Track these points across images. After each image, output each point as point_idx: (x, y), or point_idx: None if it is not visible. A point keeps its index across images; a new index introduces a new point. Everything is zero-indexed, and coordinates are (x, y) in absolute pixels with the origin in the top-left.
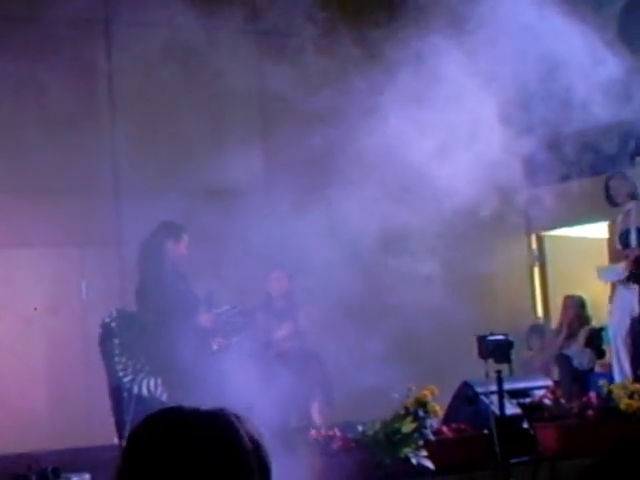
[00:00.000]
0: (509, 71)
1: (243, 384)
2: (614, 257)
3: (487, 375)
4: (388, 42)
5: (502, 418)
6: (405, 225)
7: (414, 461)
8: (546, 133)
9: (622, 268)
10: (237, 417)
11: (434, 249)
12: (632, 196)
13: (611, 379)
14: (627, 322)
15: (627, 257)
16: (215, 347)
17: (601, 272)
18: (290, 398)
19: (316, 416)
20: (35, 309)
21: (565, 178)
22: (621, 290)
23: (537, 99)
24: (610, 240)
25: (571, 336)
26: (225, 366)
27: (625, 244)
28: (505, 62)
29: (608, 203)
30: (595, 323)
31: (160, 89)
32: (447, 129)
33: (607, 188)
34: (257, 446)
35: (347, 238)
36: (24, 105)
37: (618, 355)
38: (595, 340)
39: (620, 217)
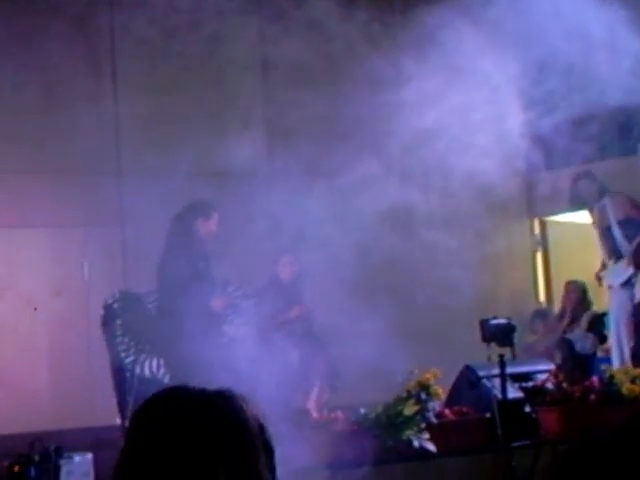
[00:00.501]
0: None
1: (248, 366)
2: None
3: (489, 359)
4: (400, 13)
5: (504, 402)
6: (408, 207)
7: (416, 444)
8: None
9: (625, 265)
10: (243, 398)
11: (437, 232)
12: (602, 193)
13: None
14: (628, 306)
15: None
16: (225, 338)
17: (607, 277)
18: (295, 380)
19: (311, 404)
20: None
21: (569, 163)
22: (625, 270)
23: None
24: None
25: (574, 321)
26: (231, 348)
27: (612, 240)
28: (522, 38)
29: (572, 204)
30: (597, 308)
31: (163, 71)
32: (456, 107)
33: (575, 189)
34: (261, 428)
35: (351, 218)
36: (26, 86)
37: (619, 340)
38: (597, 325)
39: (595, 215)
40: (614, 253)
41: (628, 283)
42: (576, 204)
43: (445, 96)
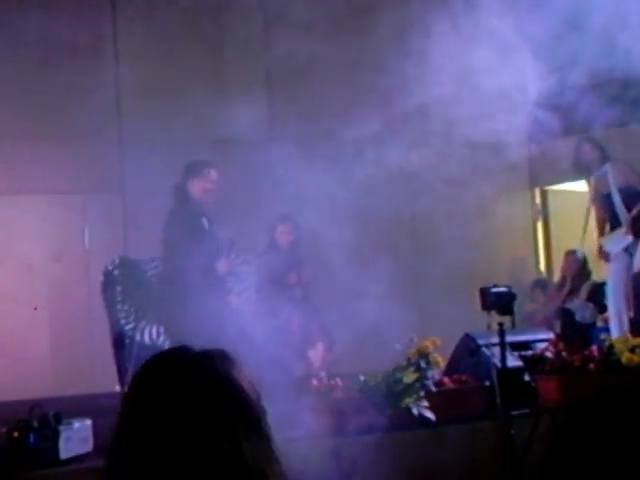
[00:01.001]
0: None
1: (249, 332)
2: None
3: (489, 327)
4: None
5: (503, 370)
6: (410, 172)
7: (415, 412)
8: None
9: (623, 233)
10: (235, 359)
11: (439, 200)
12: (604, 160)
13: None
14: (626, 276)
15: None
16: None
17: (606, 244)
18: (294, 346)
19: (317, 360)
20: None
21: (570, 132)
22: (624, 239)
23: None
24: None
25: (573, 290)
26: (232, 314)
27: (610, 207)
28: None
29: (576, 169)
30: (597, 278)
31: (164, 38)
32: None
33: (578, 154)
34: (253, 389)
35: (352, 182)
36: (27, 52)
37: (618, 310)
38: (597, 294)
39: (593, 181)
40: (612, 220)
41: (626, 252)
42: (578, 169)
43: (448, 63)
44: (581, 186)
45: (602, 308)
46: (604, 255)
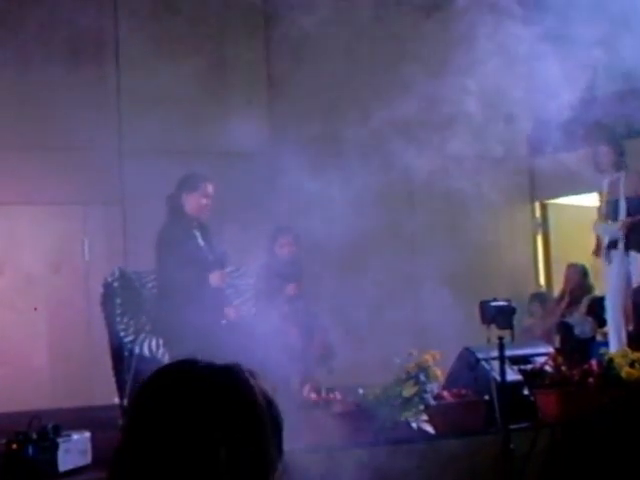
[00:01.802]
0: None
1: (247, 345)
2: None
3: (489, 341)
4: None
5: (503, 384)
6: (409, 185)
7: (414, 425)
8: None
9: (617, 228)
10: (251, 373)
11: (438, 213)
12: (619, 165)
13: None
14: (624, 291)
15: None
16: (226, 319)
17: (597, 226)
18: (293, 360)
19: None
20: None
21: (571, 146)
22: (616, 258)
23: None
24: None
25: (573, 304)
26: (231, 327)
27: (615, 213)
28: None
29: (596, 169)
30: (597, 292)
31: (165, 49)
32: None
33: (595, 152)
34: (270, 404)
35: (352, 194)
36: (28, 62)
37: (616, 324)
38: (597, 309)
39: (606, 184)
40: (612, 217)
41: (615, 247)
42: (595, 168)
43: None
44: (581, 200)
45: (601, 322)
46: (597, 251)
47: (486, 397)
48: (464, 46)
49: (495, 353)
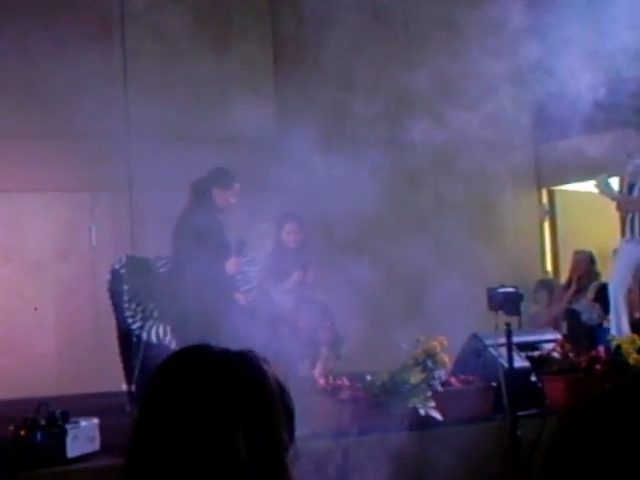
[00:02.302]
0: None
1: (255, 332)
2: (621, 212)
3: (496, 327)
4: None
5: (510, 371)
6: (415, 172)
7: (422, 412)
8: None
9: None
10: (264, 360)
11: (445, 200)
12: None
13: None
14: (629, 279)
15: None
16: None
17: (600, 180)
18: (300, 347)
19: (317, 372)
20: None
21: (577, 133)
22: (625, 245)
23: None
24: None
25: (580, 291)
26: (238, 314)
27: (630, 195)
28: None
29: (623, 153)
30: (604, 278)
31: (172, 36)
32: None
33: (623, 138)
34: (282, 390)
35: (358, 181)
36: (35, 52)
37: (617, 311)
38: (604, 295)
39: (630, 169)
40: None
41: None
42: (627, 155)
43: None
44: (588, 186)
45: (608, 309)
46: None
47: (494, 383)
48: (475, 29)
49: (503, 340)
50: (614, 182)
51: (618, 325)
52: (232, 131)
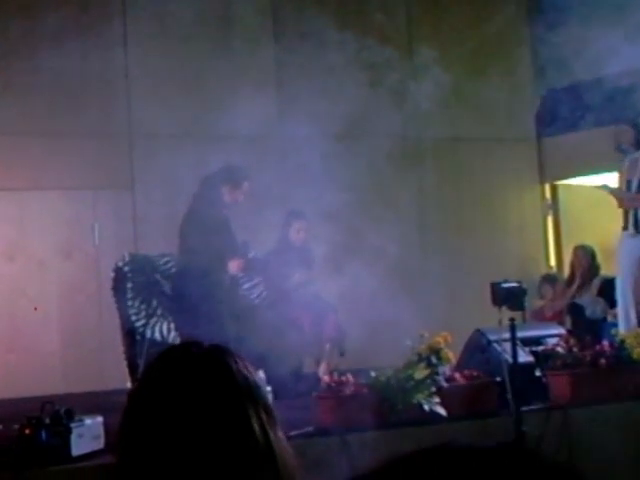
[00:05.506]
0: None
1: (259, 330)
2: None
3: (500, 323)
4: None
5: (515, 366)
6: (418, 168)
7: (426, 407)
8: (563, 81)
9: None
10: (237, 356)
11: (448, 194)
12: (638, 145)
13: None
14: (635, 271)
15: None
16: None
17: (603, 188)
18: (305, 344)
19: (321, 370)
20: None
21: (580, 127)
22: (629, 239)
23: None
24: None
25: (583, 286)
26: (242, 312)
27: (628, 191)
28: None
29: (617, 149)
30: (607, 272)
31: (174, 34)
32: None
33: (616, 134)
34: (250, 385)
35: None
36: (38, 49)
37: (625, 304)
38: (607, 290)
39: (626, 165)
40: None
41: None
42: (616, 150)
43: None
44: (591, 181)
45: (612, 303)
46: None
47: (498, 379)
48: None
49: (507, 335)
50: (615, 179)
51: (627, 319)
52: (235, 128)
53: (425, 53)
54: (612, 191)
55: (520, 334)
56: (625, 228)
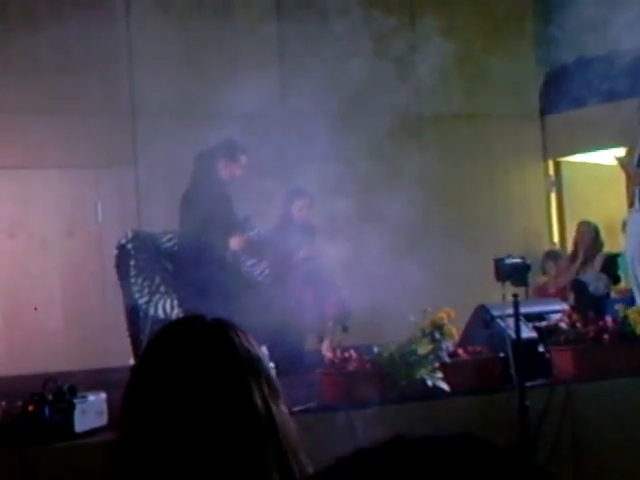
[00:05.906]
0: None
1: (262, 306)
2: (630, 182)
3: (504, 298)
4: None
5: (518, 341)
6: (421, 144)
7: (429, 383)
8: (567, 57)
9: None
10: (240, 330)
11: (451, 171)
12: None
13: (632, 303)
14: None
15: None
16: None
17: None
18: (307, 321)
19: (324, 347)
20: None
21: (584, 103)
22: (635, 215)
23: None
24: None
25: (587, 262)
26: (245, 289)
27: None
28: None
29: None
30: (610, 248)
31: (176, 11)
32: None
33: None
34: (253, 358)
35: (364, 157)
36: (40, 26)
37: (638, 283)
38: (610, 266)
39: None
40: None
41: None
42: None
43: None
44: (595, 158)
45: (615, 279)
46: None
47: (501, 354)
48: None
49: (510, 310)
50: (622, 153)
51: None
52: (237, 107)
53: (428, 26)
54: (624, 164)
55: (523, 310)
56: (632, 205)
